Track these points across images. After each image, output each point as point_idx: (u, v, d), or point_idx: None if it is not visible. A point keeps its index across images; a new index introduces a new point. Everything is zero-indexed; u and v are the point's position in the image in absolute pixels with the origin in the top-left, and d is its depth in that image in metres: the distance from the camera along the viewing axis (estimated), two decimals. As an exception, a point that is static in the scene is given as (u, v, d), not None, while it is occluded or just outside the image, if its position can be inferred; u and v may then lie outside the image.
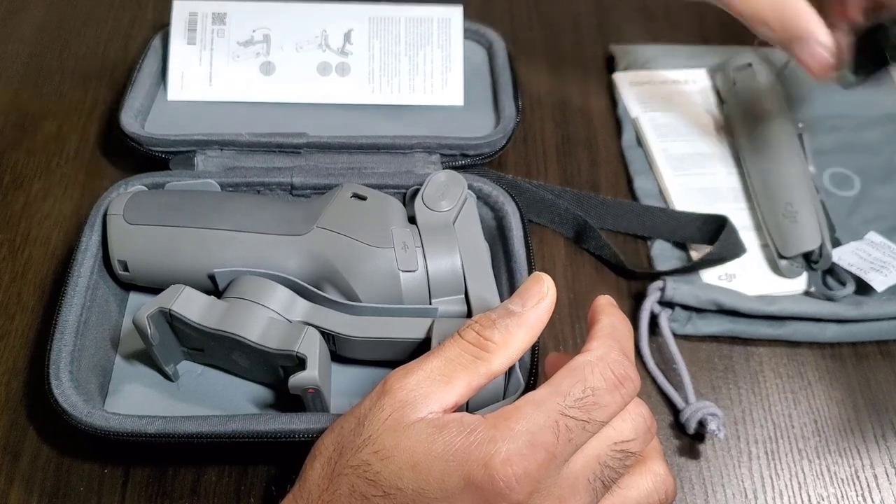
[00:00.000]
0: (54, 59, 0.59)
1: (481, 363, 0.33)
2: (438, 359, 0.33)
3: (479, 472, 0.29)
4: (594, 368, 0.31)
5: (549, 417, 0.30)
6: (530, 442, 0.29)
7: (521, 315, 0.33)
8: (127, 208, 0.44)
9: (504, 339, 0.33)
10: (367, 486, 0.30)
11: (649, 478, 0.33)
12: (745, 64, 0.57)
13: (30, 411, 0.43)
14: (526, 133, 0.58)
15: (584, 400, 0.30)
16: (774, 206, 0.51)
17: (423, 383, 0.32)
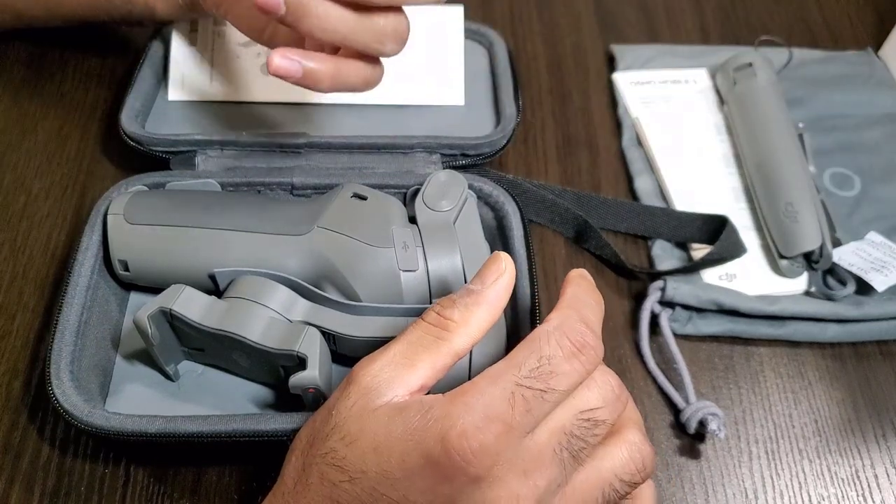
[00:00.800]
0: (55, 59, 0.59)
1: (443, 343, 0.32)
2: (400, 343, 0.33)
3: (435, 448, 0.29)
4: (550, 337, 0.31)
5: (504, 389, 0.29)
6: (486, 415, 0.29)
7: (480, 293, 0.33)
8: (127, 208, 0.44)
9: (464, 318, 0.33)
10: (335, 472, 0.30)
11: (624, 447, 0.32)
12: (745, 64, 0.57)
13: (30, 411, 0.43)
14: (526, 133, 0.58)
15: (539, 369, 0.30)
16: (775, 206, 0.51)
17: (387, 368, 0.32)
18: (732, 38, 0.66)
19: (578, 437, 0.30)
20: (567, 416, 0.30)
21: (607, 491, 0.31)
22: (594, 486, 0.31)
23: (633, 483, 0.32)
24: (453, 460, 0.28)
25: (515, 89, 0.55)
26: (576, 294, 0.33)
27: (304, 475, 0.31)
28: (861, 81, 0.61)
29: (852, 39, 0.67)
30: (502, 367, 0.30)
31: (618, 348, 0.48)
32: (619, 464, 0.32)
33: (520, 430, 0.29)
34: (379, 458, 0.30)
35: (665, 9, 0.68)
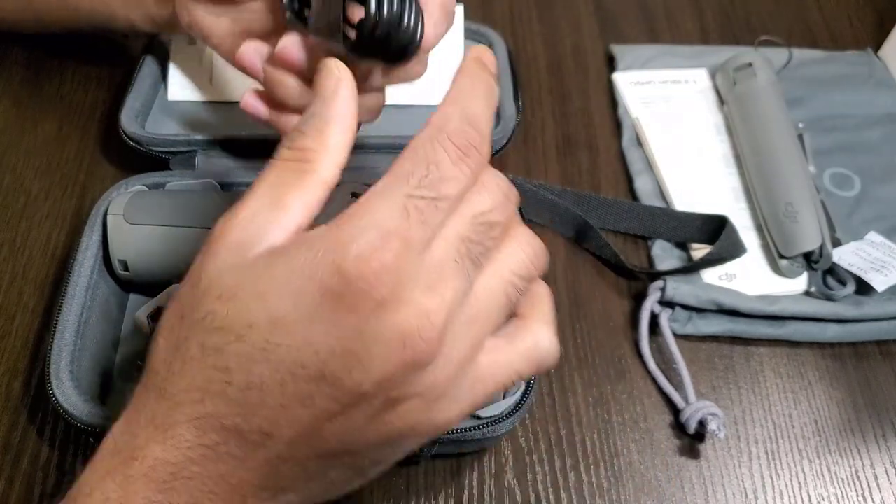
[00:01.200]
0: (54, 60, 0.59)
1: (308, 175, 0.29)
2: (261, 188, 0.29)
3: (332, 279, 0.26)
4: (434, 142, 0.28)
5: (395, 202, 0.27)
6: (380, 233, 0.26)
7: (325, 111, 0.30)
8: (127, 208, 0.44)
9: (320, 142, 0.30)
10: (217, 336, 0.27)
11: (517, 245, 0.31)
12: (745, 64, 0.57)
13: (30, 411, 0.43)
14: (526, 133, 0.58)
15: (428, 178, 0.27)
16: (775, 206, 0.51)
17: (256, 217, 0.29)
18: (732, 38, 0.66)
19: (476, 242, 0.29)
20: (462, 222, 0.28)
21: (510, 291, 0.30)
22: (498, 288, 0.30)
23: (530, 278, 0.31)
24: (354, 287, 0.26)
25: (515, 89, 0.55)
26: (462, 87, 0.30)
27: (178, 353, 0.28)
28: (861, 81, 0.61)
29: (852, 39, 0.67)
30: (389, 181, 0.28)
31: (617, 348, 0.48)
32: (516, 261, 0.30)
33: (418, 243, 0.27)
34: (267, 305, 0.27)
35: (665, 9, 0.68)
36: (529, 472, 0.43)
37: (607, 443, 0.44)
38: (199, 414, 0.27)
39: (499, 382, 0.30)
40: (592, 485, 0.43)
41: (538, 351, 0.31)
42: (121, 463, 0.28)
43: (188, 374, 0.28)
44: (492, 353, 0.30)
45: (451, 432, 0.38)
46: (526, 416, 0.45)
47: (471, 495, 0.42)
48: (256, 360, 0.27)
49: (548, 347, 0.31)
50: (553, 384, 0.46)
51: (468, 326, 0.29)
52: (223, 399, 0.27)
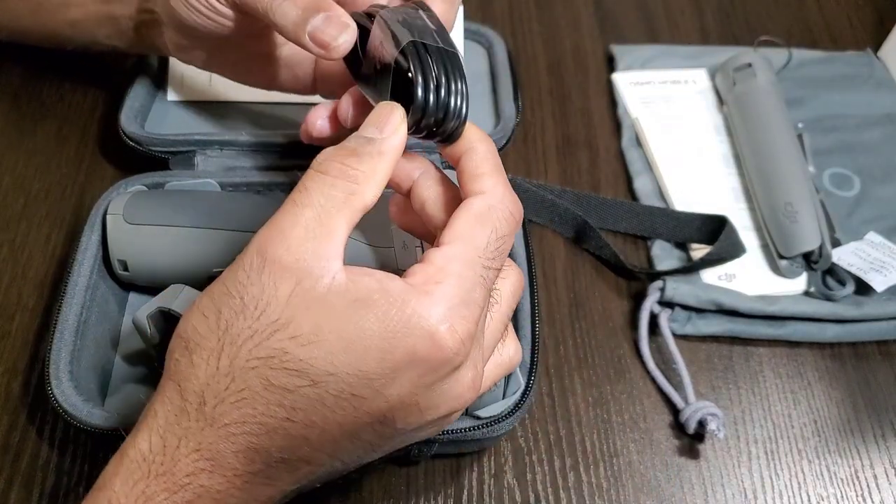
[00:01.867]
0: (54, 60, 0.59)
1: (355, 198, 0.29)
2: (309, 209, 0.29)
3: (423, 344, 0.28)
4: (498, 213, 0.31)
5: (475, 273, 0.29)
6: (466, 303, 0.29)
7: (383, 142, 0.31)
8: (127, 208, 0.44)
9: (371, 167, 0.30)
10: (289, 378, 0.27)
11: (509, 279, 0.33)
12: (745, 64, 0.57)
13: (30, 411, 0.43)
14: (526, 133, 0.58)
15: (499, 249, 0.30)
16: (774, 206, 0.51)
17: (308, 243, 0.28)
18: (732, 38, 0.66)
19: (493, 268, 0.31)
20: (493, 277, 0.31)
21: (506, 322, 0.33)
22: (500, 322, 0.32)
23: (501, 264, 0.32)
24: (445, 354, 0.28)
25: (515, 89, 0.55)
26: (493, 152, 0.32)
27: (235, 383, 0.27)
28: (860, 82, 0.61)
29: (852, 40, 0.67)
30: (470, 252, 0.29)
31: (617, 348, 0.48)
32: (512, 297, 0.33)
33: (487, 308, 0.30)
34: (351, 359, 0.27)
35: (665, 9, 0.68)
36: (529, 472, 0.43)
37: (607, 443, 0.44)
38: (251, 446, 0.28)
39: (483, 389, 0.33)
40: (592, 485, 0.43)
41: (511, 362, 0.34)
42: (165, 490, 0.27)
43: (246, 407, 0.27)
44: None
45: (450, 432, 0.38)
46: (525, 416, 0.45)
47: (470, 495, 0.42)
48: (326, 406, 0.28)
49: (518, 359, 0.35)
50: (553, 384, 0.46)
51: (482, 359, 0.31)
52: (280, 435, 0.28)
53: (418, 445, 0.39)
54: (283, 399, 0.27)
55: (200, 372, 0.28)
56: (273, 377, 0.27)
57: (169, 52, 0.47)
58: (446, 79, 0.31)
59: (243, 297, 0.28)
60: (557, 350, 0.48)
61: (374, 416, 0.28)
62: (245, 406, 0.27)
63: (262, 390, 0.27)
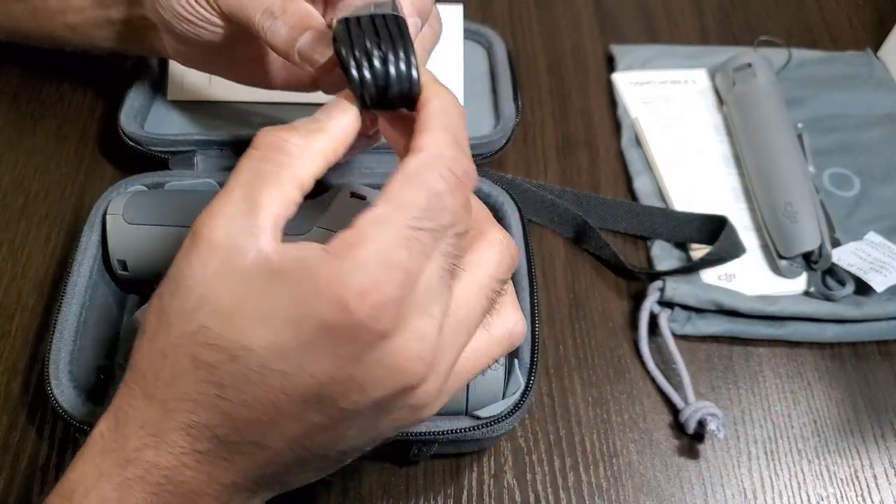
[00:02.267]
0: (53, 59, 0.59)
1: (285, 170, 0.28)
2: (239, 187, 0.28)
3: (333, 312, 0.26)
4: (433, 171, 0.28)
5: (398, 233, 0.27)
6: (384, 265, 0.26)
7: (325, 120, 0.30)
8: (126, 208, 0.44)
9: (307, 141, 0.29)
10: (211, 353, 0.27)
11: (494, 248, 0.31)
12: (744, 64, 0.57)
13: (29, 411, 0.43)
14: (526, 133, 0.58)
15: (430, 209, 0.27)
16: (774, 206, 0.51)
17: (235, 220, 0.27)
18: (732, 38, 0.66)
19: (454, 254, 0.29)
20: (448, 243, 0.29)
21: (490, 295, 0.30)
22: (478, 295, 0.30)
23: (507, 279, 0.31)
24: (357, 321, 0.26)
25: (515, 89, 0.55)
26: (445, 110, 0.30)
27: (167, 361, 0.28)
28: (860, 82, 0.61)
29: (852, 40, 0.67)
30: (390, 211, 0.27)
31: (617, 348, 0.48)
32: (493, 265, 0.31)
33: (418, 273, 0.27)
34: (266, 332, 0.26)
35: (665, 9, 0.68)
36: (529, 472, 0.43)
37: (606, 443, 0.44)
38: (191, 423, 0.28)
39: (477, 370, 0.31)
40: (591, 485, 0.43)
41: (511, 335, 0.32)
42: (115, 465, 0.28)
43: (180, 385, 0.28)
44: (470, 345, 0.31)
45: (450, 432, 0.38)
46: (525, 416, 0.45)
47: (470, 495, 0.42)
48: (252, 382, 0.27)
49: (520, 330, 0.32)
50: (552, 384, 0.46)
51: (454, 335, 0.29)
52: (216, 412, 0.27)
53: (418, 445, 0.39)
54: (210, 376, 0.27)
55: (144, 351, 0.29)
56: (198, 354, 0.27)
57: (168, 55, 0.47)
58: (380, 47, 0.30)
59: (177, 278, 0.28)
60: (557, 350, 0.48)
61: (307, 395, 0.27)
62: (179, 384, 0.28)
63: (191, 368, 0.27)
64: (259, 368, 0.27)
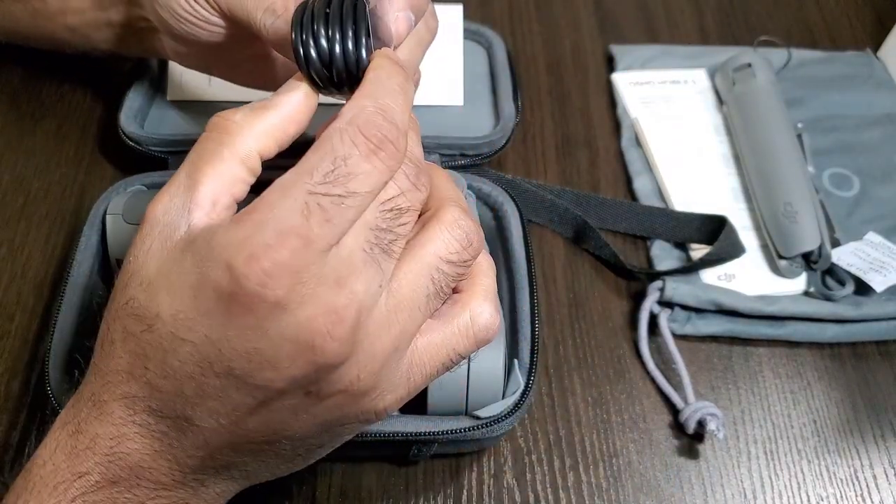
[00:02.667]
0: (53, 59, 0.59)
1: (224, 147, 0.28)
2: (184, 166, 0.29)
3: (223, 278, 0.25)
4: (344, 135, 0.27)
5: (296, 200, 0.26)
6: (276, 230, 0.25)
7: (272, 100, 0.30)
8: (126, 208, 0.44)
9: (248, 118, 0.29)
10: (134, 322, 0.27)
11: (442, 228, 0.29)
12: (744, 64, 0.57)
13: (30, 411, 0.43)
14: (525, 133, 0.58)
15: (334, 173, 0.26)
16: (774, 207, 0.51)
17: (176, 198, 0.28)
18: (731, 38, 0.66)
19: (386, 229, 0.28)
20: (368, 213, 0.27)
21: (436, 277, 0.29)
22: (419, 275, 0.28)
23: (462, 262, 0.29)
24: (246, 287, 0.25)
25: (514, 89, 0.55)
26: (376, 79, 0.29)
27: (108, 334, 0.29)
28: (860, 82, 0.62)
29: (851, 40, 0.67)
30: (292, 177, 0.26)
31: (616, 348, 0.48)
32: (440, 245, 0.29)
33: (321, 241, 0.26)
34: (172, 299, 0.26)
35: (664, 9, 0.68)
36: (528, 472, 0.43)
37: (606, 443, 0.44)
38: (125, 394, 0.28)
39: (438, 363, 0.30)
40: (591, 485, 0.43)
41: (475, 326, 0.30)
42: (68, 436, 0.29)
43: (115, 356, 0.28)
44: (427, 335, 0.30)
45: (449, 432, 0.38)
46: (525, 416, 0.45)
47: (470, 495, 0.42)
48: (166, 351, 0.27)
49: (486, 321, 0.30)
50: (552, 384, 0.46)
51: (391, 316, 0.28)
52: (144, 383, 0.28)
53: (417, 445, 0.39)
54: (136, 347, 0.27)
55: (99, 328, 0.29)
56: (126, 324, 0.28)
57: (168, 57, 0.47)
58: (328, 26, 0.30)
59: (127, 258, 0.29)
60: (557, 350, 0.48)
61: (217, 368, 0.26)
62: (114, 355, 0.28)
63: (122, 338, 0.28)
64: (169, 338, 0.27)
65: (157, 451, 0.29)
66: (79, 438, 0.29)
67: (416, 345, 0.30)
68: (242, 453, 0.29)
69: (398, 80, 0.29)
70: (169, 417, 0.28)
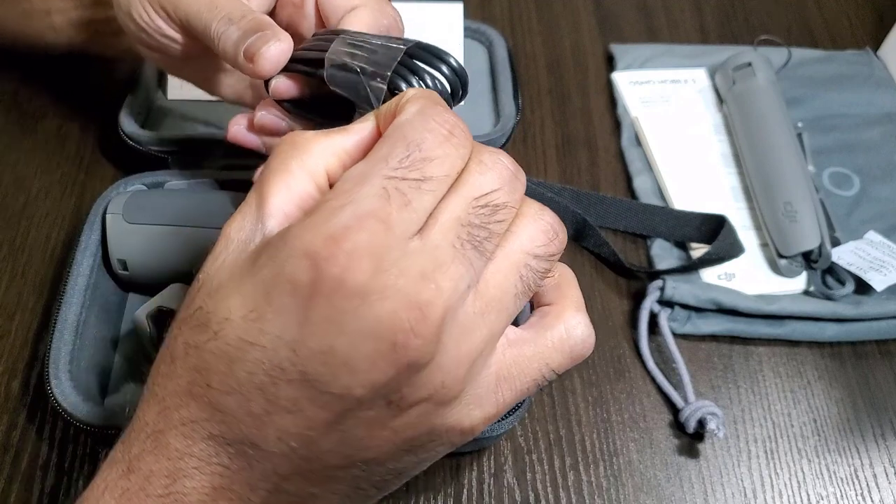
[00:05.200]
0: (54, 59, 0.59)
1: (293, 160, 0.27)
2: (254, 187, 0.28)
3: (301, 265, 0.24)
4: (413, 124, 0.26)
5: (373, 186, 0.24)
6: (355, 213, 0.24)
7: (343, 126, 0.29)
8: (126, 207, 0.44)
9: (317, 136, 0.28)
10: (199, 333, 0.25)
11: (527, 221, 0.27)
12: (744, 63, 0.57)
13: (29, 410, 0.43)
14: (526, 132, 0.58)
15: (410, 157, 0.25)
16: (774, 206, 0.51)
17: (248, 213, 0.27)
18: (731, 37, 0.66)
19: (479, 225, 0.26)
20: (459, 205, 0.26)
21: (525, 273, 0.27)
22: (509, 272, 0.27)
23: (549, 255, 0.28)
24: (325, 271, 0.23)
25: (515, 88, 0.55)
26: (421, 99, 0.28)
27: (167, 353, 0.27)
28: (860, 81, 0.62)
29: (851, 39, 0.67)
30: (366, 165, 0.25)
31: (616, 348, 0.48)
32: (526, 239, 0.27)
33: (402, 227, 0.24)
34: (243, 300, 0.25)
35: (664, 9, 0.68)
36: (529, 471, 0.43)
37: (606, 442, 0.44)
38: (183, 420, 0.26)
39: (529, 379, 0.28)
40: (591, 484, 0.43)
41: (571, 339, 0.29)
42: (119, 476, 0.27)
43: (174, 376, 0.26)
44: (518, 347, 0.28)
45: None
46: (525, 415, 0.45)
47: (470, 494, 0.42)
48: (233, 360, 0.25)
49: (581, 334, 0.29)
50: (552, 384, 0.46)
51: (478, 318, 0.26)
52: (205, 404, 0.25)
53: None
54: (197, 360, 0.25)
55: (159, 352, 0.28)
56: (189, 338, 0.26)
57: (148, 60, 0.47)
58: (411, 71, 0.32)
59: (196, 279, 0.27)
60: (557, 349, 0.48)
61: (291, 375, 0.24)
62: (174, 374, 0.26)
63: (183, 353, 0.26)
64: (237, 343, 0.25)
65: (216, 490, 0.26)
66: (130, 479, 0.26)
67: (505, 358, 0.28)
68: (313, 482, 0.27)
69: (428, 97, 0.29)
70: (232, 444, 0.26)
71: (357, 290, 0.23)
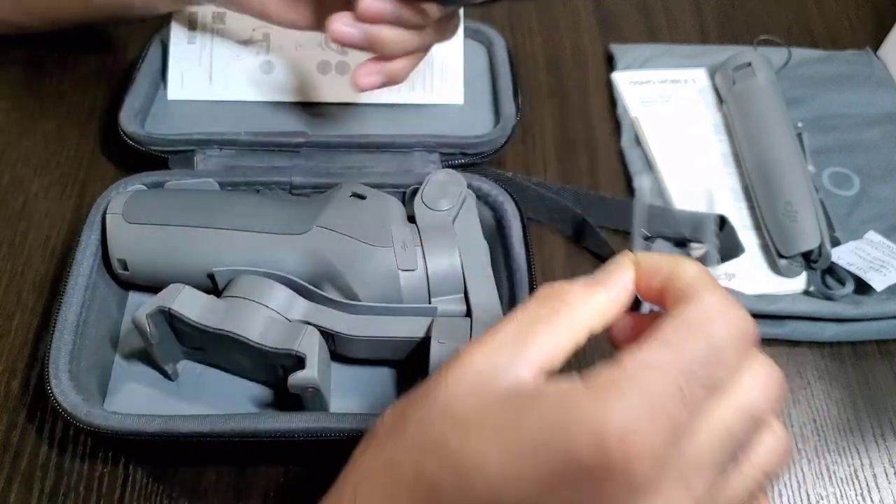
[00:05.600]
0: (54, 59, 0.59)
1: (560, 315, 0.27)
2: (511, 323, 0.28)
3: (587, 447, 0.23)
4: (716, 323, 0.26)
5: (669, 381, 0.24)
6: (651, 412, 0.24)
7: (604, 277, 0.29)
8: (126, 207, 0.44)
9: (586, 294, 0.28)
10: (439, 469, 0.25)
11: (772, 440, 0.27)
12: (744, 63, 0.57)
13: (29, 411, 0.43)
14: (525, 132, 0.58)
15: (708, 360, 0.25)
16: (774, 206, 0.51)
17: (503, 348, 0.27)
18: (731, 37, 0.66)
19: (738, 437, 0.26)
20: (729, 413, 0.26)
21: (755, 490, 0.27)
22: (746, 487, 0.27)
23: (774, 475, 0.28)
24: (611, 464, 0.23)
25: (515, 88, 0.55)
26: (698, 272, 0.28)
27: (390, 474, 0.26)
28: (860, 81, 0.61)
29: (851, 39, 0.67)
30: (664, 355, 0.25)
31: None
32: (767, 458, 0.27)
33: (685, 430, 0.24)
34: (506, 455, 0.24)
35: (664, 9, 0.68)
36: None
37: (606, 442, 0.44)
38: None
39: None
40: (591, 484, 0.43)
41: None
42: None
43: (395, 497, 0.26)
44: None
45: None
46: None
47: None
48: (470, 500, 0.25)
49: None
50: (552, 383, 0.46)
51: None
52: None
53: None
54: (430, 494, 0.25)
55: (364, 460, 0.27)
56: (425, 468, 0.25)
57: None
58: None
59: (428, 390, 0.27)
60: (557, 349, 0.48)
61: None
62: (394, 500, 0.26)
63: (411, 483, 0.25)
64: (487, 494, 0.24)
65: None
66: None
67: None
68: None
69: None
70: None
71: (632, 485, 0.24)
